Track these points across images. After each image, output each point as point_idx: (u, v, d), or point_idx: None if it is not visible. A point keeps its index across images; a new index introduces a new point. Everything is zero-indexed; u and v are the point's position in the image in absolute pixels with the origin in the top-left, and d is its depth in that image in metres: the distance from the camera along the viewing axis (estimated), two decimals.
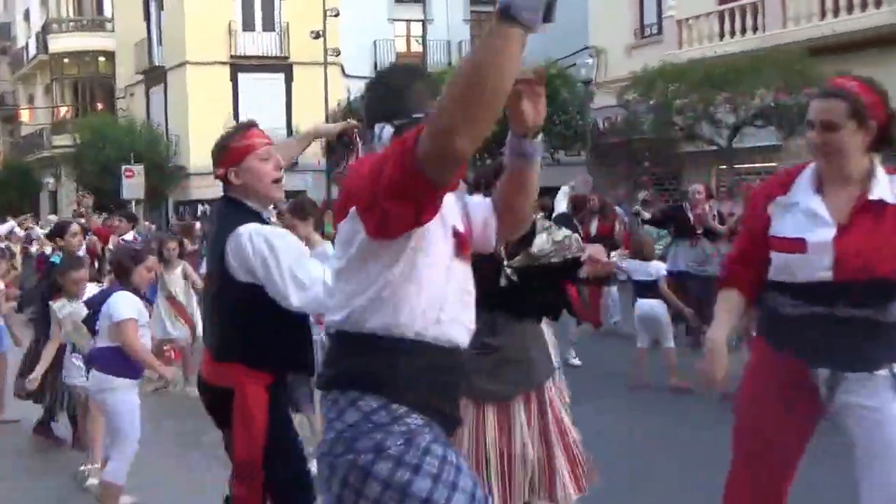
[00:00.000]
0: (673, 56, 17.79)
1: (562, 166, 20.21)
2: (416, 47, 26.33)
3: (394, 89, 1.95)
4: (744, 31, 17.22)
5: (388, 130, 1.90)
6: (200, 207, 23.02)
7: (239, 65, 25.89)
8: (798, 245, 2.42)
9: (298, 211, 4.29)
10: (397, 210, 1.60)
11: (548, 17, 1.45)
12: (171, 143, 26.59)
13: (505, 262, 2.96)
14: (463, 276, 1.85)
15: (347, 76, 24.27)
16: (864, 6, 15.35)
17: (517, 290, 2.96)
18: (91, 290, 4.87)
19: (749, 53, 15.37)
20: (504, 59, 1.44)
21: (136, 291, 4.11)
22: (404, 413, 1.72)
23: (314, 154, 23.11)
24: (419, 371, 1.76)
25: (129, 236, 9.54)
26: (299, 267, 2.54)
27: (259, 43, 26.08)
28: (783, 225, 2.49)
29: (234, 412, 2.64)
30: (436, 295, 1.76)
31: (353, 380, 1.78)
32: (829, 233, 2.40)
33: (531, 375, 2.99)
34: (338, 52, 22.52)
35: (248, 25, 26.31)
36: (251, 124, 2.84)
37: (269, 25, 26.29)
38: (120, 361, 3.92)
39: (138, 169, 20.94)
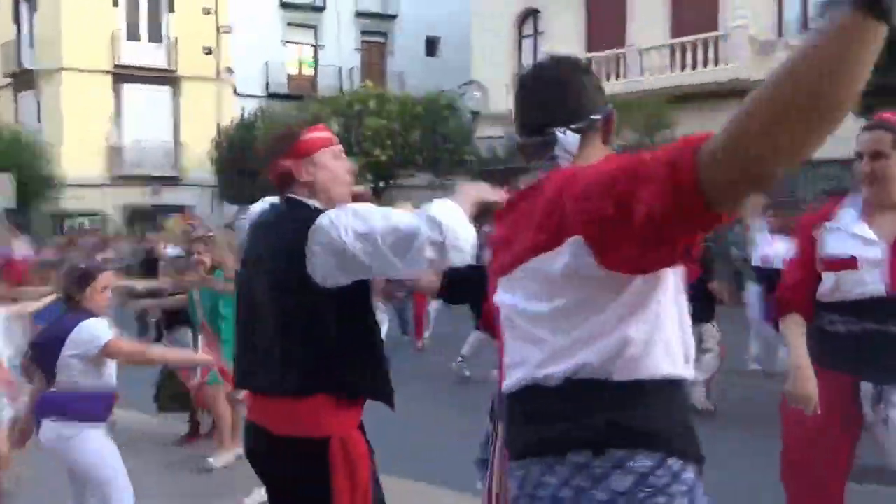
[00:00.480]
0: None
1: (448, 192, 21.93)
2: (308, 71, 27.26)
3: (571, 88, 1.68)
4: (608, 76, 19.70)
5: (572, 136, 1.64)
6: (80, 221, 22.53)
7: (122, 75, 25.64)
8: (850, 263, 2.58)
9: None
10: (662, 244, 1.30)
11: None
12: (43, 152, 25.78)
13: None
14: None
15: (239, 95, 24.80)
16: (705, 63, 18.19)
17: None
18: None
19: (612, 97, 17.70)
20: (862, 62, 1.04)
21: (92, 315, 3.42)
22: (680, 468, 1.44)
23: (203, 166, 23.46)
24: (682, 417, 1.53)
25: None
26: (389, 231, 2.08)
27: (144, 54, 25.97)
28: (833, 246, 2.67)
29: (332, 465, 2.15)
30: (676, 330, 1.53)
31: (619, 436, 1.44)
32: (878, 250, 2.58)
33: None
34: (231, 71, 23.07)
35: (132, 35, 26.13)
36: (318, 119, 2.78)
37: (155, 37, 26.24)
38: (88, 403, 3.38)
39: (6, 177, 19.92)
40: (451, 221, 2.02)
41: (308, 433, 2.16)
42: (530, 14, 22.35)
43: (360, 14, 27.42)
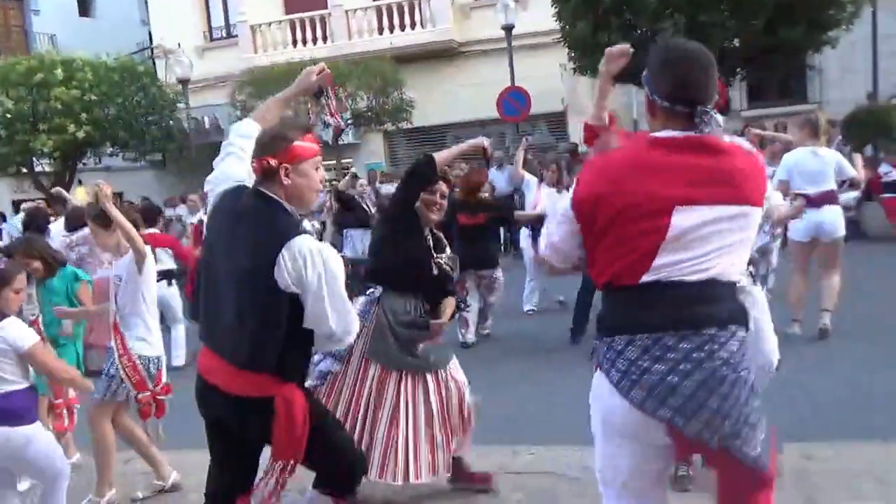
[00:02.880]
0: (248, 60, 18.76)
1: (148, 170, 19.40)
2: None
3: (713, 72, 2.10)
4: (314, 40, 19.08)
5: (718, 116, 2.07)
6: None
7: None
8: None
9: (100, 219, 4.09)
10: None
11: None
12: None
13: (434, 256, 3.61)
14: None
15: None
16: (412, 25, 18.62)
17: (437, 281, 3.60)
18: None
19: (322, 61, 17.20)
20: None
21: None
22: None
23: None
24: None
25: None
26: (342, 295, 2.51)
27: None
28: None
29: (276, 419, 2.57)
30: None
31: (734, 317, 2.05)
32: None
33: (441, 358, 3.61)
34: None
35: None
36: (309, 127, 2.69)
37: None
38: (27, 403, 3.36)
39: None
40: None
41: (254, 394, 2.56)
42: None
43: None
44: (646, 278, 2.04)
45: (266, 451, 2.74)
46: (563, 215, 2.18)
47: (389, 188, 12.65)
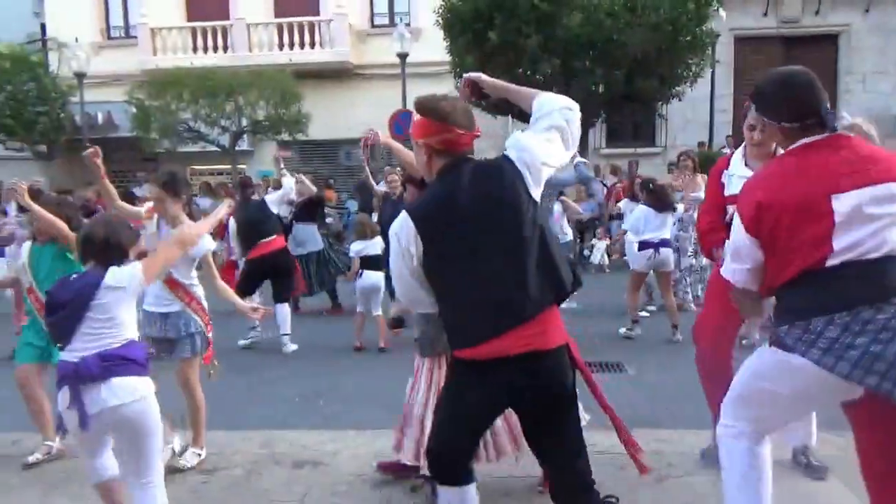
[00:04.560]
0: (146, 61, 19.08)
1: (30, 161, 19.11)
2: None
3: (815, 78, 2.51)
4: (215, 48, 19.64)
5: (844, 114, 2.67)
6: None
7: None
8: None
9: (171, 187, 4.21)
10: None
11: None
12: None
13: None
14: None
15: None
16: (311, 45, 19.58)
17: None
18: None
19: (222, 69, 17.85)
20: None
21: None
22: None
23: None
24: None
25: None
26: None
27: None
28: (729, 188, 3.71)
29: (580, 365, 2.57)
30: None
31: None
32: None
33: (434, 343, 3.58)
34: None
35: None
36: None
37: None
38: (144, 353, 3.04)
39: None
40: None
41: (564, 341, 2.56)
42: None
43: None
44: (831, 262, 2.31)
45: None
46: (738, 248, 2.51)
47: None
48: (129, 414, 2.87)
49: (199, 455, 4.30)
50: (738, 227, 2.48)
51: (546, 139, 2.54)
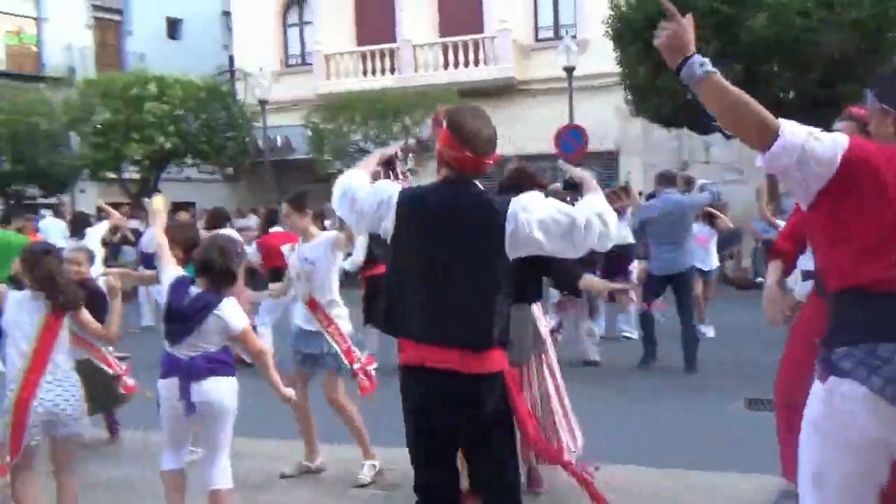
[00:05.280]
0: (320, 86, 19.94)
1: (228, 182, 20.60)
2: (29, 47, 23.32)
3: None
4: (383, 71, 20.16)
5: None
6: None
7: None
8: None
9: (296, 202, 4.38)
10: None
11: None
12: None
13: None
14: None
15: None
16: (476, 63, 19.56)
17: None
18: None
19: (390, 91, 18.23)
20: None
21: None
22: None
23: None
24: None
25: None
26: (565, 210, 2.65)
27: None
28: None
29: (509, 394, 2.65)
30: None
31: None
32: None
33: (521, 352, 3.76)
34: None
35: None
36: None
37: None
38: (228, 357, 3.61)
39: None
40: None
41: (491, 370, 2.62)
42: (295, 2, 21.90)
43: None
44: None
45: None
46: (834, 138, 2.07)
47: None
48: (217, 405, 3.44)
49: (375, 466, 4.31)
50: (834, 153, 2.03)
51: (554, 219, 2.55)
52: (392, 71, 20.12)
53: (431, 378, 2.58)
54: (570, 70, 16.55)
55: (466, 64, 19.60)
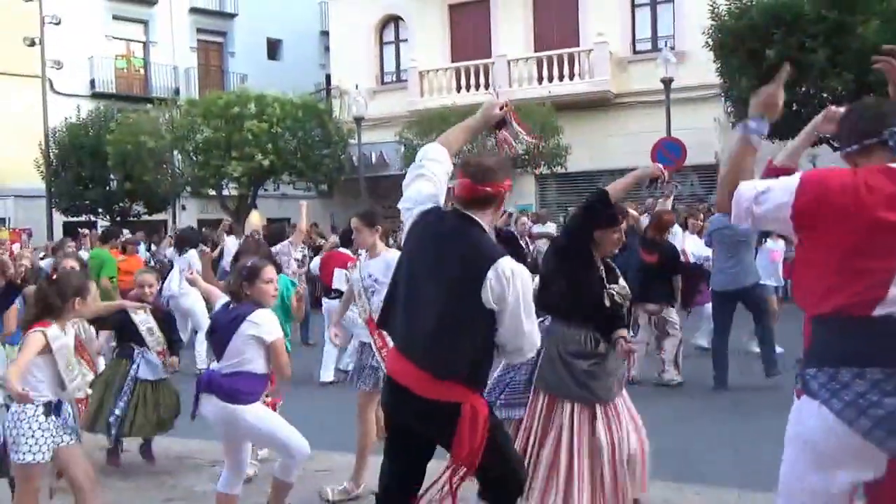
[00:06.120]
0: (414, 103, 20.13)
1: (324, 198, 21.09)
2: (138, 70, 24.80)
3: None
4: (477, 86, 20.17)
5: None
6: None
7: None
8: None
9: (367, 218, 4.42)
10: None
11: None
12: None
13: (607, 287, 3.65)
14: None
15: (57, 93, 21.88)
16: (571, 76, 19.30)
17: (609, 312, 3.63)
18: None
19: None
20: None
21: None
22: None
23: (17, 175, 20.49)
24: None
25: None
26: (533, 315, 2.70)
27: None
28: None
29: (461, 423, 2.65)
30: None
31: None
32: None
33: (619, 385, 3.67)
34: (60, 65, 20.40)
35: None
36: None
37: None
38: (250, 389, 3.66)
39: None
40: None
41: (444, 399, 2.68)
42: (391, 21, 22.28)
43: (194, 10, 25.48)
44: (879, 311, 2.06)
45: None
46: (783, 188, 2.18)
47: (539, 228, 13.22)
48: (213, 421, 3.60)
49: (348, 493, 4.30)
50: (790, 186, 2.18)
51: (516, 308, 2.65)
52: (486, 86, 20.09)
53: (394, 387, 2.76)
54: (667, 82, 16.08)
55: (561, 78, 19.34)
